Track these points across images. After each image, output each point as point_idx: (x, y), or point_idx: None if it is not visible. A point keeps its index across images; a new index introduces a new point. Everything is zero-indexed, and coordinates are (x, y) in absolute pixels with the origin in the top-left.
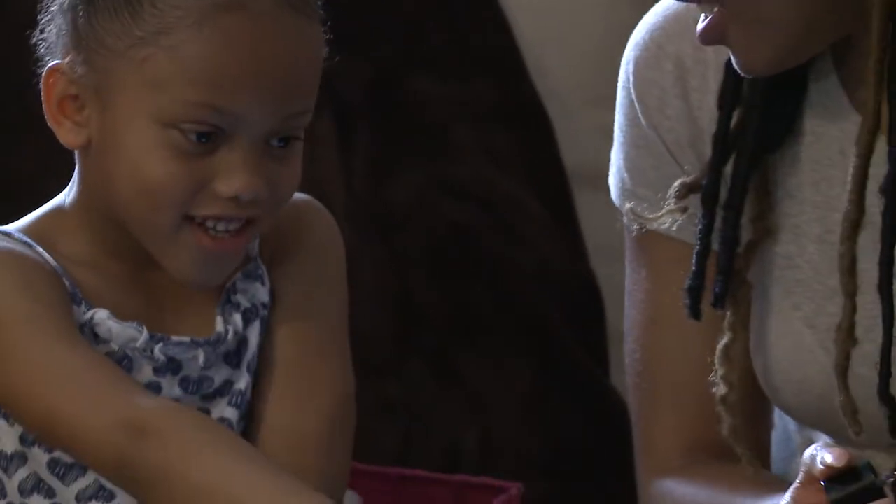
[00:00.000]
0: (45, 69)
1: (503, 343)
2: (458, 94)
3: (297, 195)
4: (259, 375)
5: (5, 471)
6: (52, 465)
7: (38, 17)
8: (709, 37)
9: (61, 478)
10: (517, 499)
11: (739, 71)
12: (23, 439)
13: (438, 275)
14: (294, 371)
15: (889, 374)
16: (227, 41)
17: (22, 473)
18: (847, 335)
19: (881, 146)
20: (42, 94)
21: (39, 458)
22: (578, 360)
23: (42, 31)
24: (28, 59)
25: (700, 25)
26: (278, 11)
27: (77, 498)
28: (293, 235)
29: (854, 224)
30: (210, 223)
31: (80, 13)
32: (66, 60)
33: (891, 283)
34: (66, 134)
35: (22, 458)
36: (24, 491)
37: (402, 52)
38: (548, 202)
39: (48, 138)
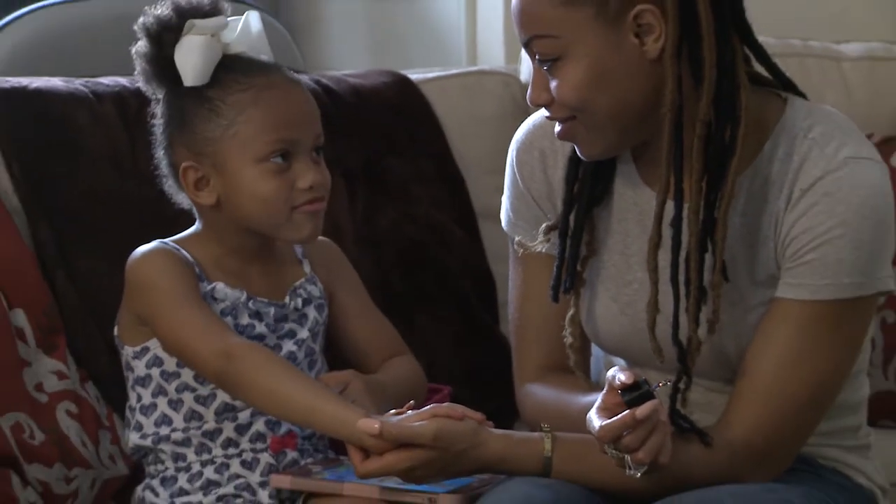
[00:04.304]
0: (181, 169)
1: (441, 308)
2: (413, 167)
3: (323, 239)
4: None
5: None
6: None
7: (150, 125)
8: (564, 136)
9: None
10: (448, 394)
11: (583, 157)
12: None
13: (404, 270)
14: (365, 310)
15: (678, 328)
16: (273, 104)
17: None
18: (653, 307)
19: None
20: (182, 183)
21: None
22: (483, 318)
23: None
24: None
25: (557, 128)
26: (291, 85)
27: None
28: (332, 258)
29: (655, 245)
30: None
31: (179, 138)
32: (189, 162)
33: (677, 277)
34: (203, 199)
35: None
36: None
37: (381, 142)
38: (465, 229)
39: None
